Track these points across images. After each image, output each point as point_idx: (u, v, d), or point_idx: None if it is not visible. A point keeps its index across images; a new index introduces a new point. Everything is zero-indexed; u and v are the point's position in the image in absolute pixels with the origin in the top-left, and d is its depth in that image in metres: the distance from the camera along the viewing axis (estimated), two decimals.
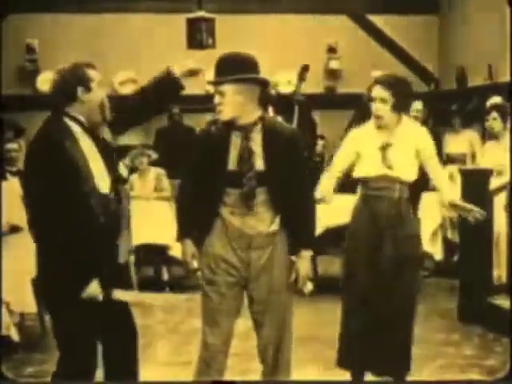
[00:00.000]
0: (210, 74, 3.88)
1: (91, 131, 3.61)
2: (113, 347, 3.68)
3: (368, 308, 4.35)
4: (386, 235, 4.35)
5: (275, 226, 3.82)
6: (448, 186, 4.50)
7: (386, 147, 4.35)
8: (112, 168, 3.66)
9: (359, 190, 4.52)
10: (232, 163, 3.73)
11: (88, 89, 3.58)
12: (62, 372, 3.62)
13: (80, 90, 3.57)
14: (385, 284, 4.34)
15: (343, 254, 4.56)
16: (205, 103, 10.24)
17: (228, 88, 3.68)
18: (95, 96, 3.60)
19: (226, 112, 3.70)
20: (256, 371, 4.87)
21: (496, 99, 7.61)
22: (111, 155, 3.69)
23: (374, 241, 4.36)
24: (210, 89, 10.14)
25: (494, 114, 7.19)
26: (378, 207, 4.37)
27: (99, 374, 3.72)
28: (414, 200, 7.57)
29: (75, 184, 3.45)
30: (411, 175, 4.40)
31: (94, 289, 3.48)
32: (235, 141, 3.74)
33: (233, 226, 3.78)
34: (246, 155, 3.72)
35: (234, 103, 3.69)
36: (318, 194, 4.39)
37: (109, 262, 3.60)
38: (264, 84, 3.79)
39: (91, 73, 3.61)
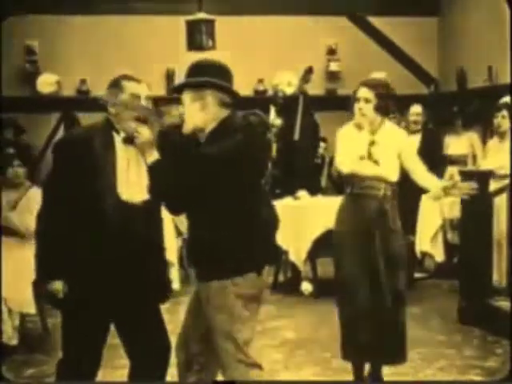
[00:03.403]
0: None
1: (131, 140, 3.49)
2: (141, 362, 3.66)
3: (361, 304, 4.49)
4: (373, 233, 4.51)
5: None
6: (432, 177, 4.60)
7: (371, 145, 4.54)
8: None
9: (345, 189, 4.67)
10: None
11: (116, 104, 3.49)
12: (62, 374, 3.61)
13: (109, 104, 3.51)
14: (376, 281, 4.48)
15: (333, 254, 4.72)
16: None
17: (186, 96, 3.49)
18: (127, 112, 3.49)
19: (187, 126, 3.50)
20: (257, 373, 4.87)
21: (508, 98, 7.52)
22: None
23: (362, 238, 4.51)
24: None
25: (504, 113, 7.14)
26: (363, 206, 4.54)
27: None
28: (415, 202, 7.65)
29: (91, 184, 3.41)
30: (394, 175, 4.58)
31: (56, 286, 3.46)
32: None
33: None
34: None
35: (191, 112, 3.47)
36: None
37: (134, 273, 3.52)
38: (221, 88, 3.42)
39: (129, 87, 3.52)
